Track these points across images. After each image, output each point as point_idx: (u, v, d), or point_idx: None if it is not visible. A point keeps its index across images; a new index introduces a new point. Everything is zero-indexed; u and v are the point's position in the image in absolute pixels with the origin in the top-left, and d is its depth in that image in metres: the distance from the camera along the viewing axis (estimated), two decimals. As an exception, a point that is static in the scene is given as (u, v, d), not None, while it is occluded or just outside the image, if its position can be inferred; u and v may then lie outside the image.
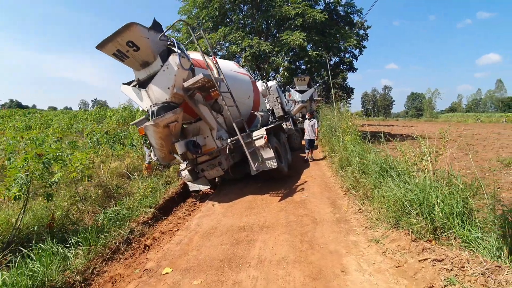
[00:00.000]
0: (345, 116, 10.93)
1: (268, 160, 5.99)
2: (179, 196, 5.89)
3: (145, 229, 4.23)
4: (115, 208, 4.50)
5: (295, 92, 14.69)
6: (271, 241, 3.63)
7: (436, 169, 4.70)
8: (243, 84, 6.88)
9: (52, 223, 3.95)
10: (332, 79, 38.51)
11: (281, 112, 10.85)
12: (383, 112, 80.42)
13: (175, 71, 4.75)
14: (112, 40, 4.47)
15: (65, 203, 4.46)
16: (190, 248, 3.60)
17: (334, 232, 3.83)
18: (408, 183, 4.05)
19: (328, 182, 6.43)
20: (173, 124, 4.88)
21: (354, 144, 7.25)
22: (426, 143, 4.83)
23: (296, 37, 12.62)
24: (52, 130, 8.97)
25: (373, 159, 5.43)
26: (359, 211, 4.52)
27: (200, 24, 17.07)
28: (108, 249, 3.51)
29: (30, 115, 15.51)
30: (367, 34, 32.81)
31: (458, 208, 3.24)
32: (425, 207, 3.48)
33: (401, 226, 3.60)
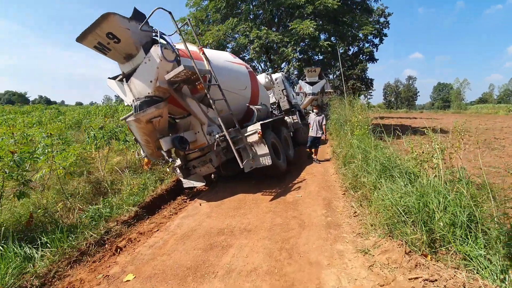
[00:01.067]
0: (356, 109, 10.25)
1: (262, 156, 5.63)
2: (170, 193, 5.72)
3: (124, 229, 4.07)
4: (96, 206, 4.37)
5: (305, 84, 14.06)
6: (248, 247, 3.31)
7: (449, 168, 4.16)
8: (238, 74, 6.52)
9: (30, 221, 3.89)
10: (349, 70, 37.09)
11: (287, 105, 10.37)
12: (406, 104, 76.29)
13: (157, 63, 4.49)
14: (91, 31, 4.27)
15: (45, 201, 4.38)
16: (162, 252, 3.38)
17: (320, 238, 3.44)
18: (409, 185, 3.56)
19: (328, 180, 5.97)
20: (156, 120, 4.65)
21: (360, 139, 6.71)
22: (437, 138, 4.27)
23: (306, 25, 11.95)
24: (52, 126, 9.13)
25: (374, 156, 4.91)
26: (354, 214, 4.08)
27: (209, 16, 16.80)
28: (77, 251, 3.37)
29: (47, 111, 16.13)
30: (388, 21, 31.08)
31: (462, 217, 2.73)
32: (423, 215, 3.00)
33: (395, 235, 3.14)
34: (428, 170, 4.05)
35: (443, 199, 3.00)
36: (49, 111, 15.98)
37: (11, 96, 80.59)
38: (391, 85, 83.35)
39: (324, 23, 13.56)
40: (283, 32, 13.71)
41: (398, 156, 4.80)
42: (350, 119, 9.36)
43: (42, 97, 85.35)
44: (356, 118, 8.54)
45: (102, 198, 4.90)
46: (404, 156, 4.84)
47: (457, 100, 64.36)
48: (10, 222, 3.72)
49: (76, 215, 4.28)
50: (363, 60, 35.36)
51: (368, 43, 33.05)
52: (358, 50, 35.19)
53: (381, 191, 3.82)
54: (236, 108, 6.42)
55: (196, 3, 15.99)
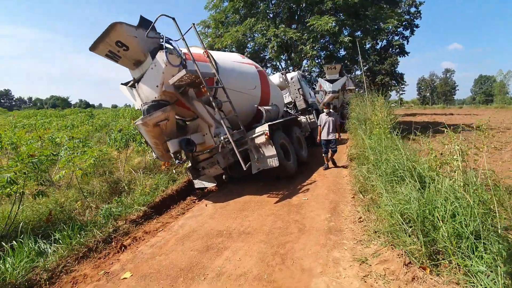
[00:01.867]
0: (377, 106, 9.74)
1: (270, 158, 5.58)
2: (181, 193, 5.88)
3: (131, 227, 4.27)
4: (108, 205, 4.64)
5: (324, 82, 13.66)
6: (243, 250, 3.30)
7: (470, 171, 3.81)
8: (246, 74, 6.51)
9: (49, 218, 4.25)
10: (378, 64, 35.15)
11: (304, 104, 10.17)
12: (443, 99, 70.81)
13: (162, 68, 4.64)
14: (101, 41, 4.53)
15: (63, 199, 4.74)
16: (161, 252, 3.49)
17: (318, 244, 3.32)
18: (413, 191, 3.30)
19: (340, 183, 5.75)
20: (163, 123, 4.81)
21: (378, 139, 6.36)
22: (458, 137, 3.93)
23: (325, 21, 11.59)
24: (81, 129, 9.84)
25: (386, 158, 4.63)
26: (359, 220, 3.88)
27: (229, 17, 16.98)
28: (85, 247, 3.60)
29: (80, 114, 17.47)
30: (419, 11, 29.09)
31: (469, 228, 2.47)
32: (427, 224, 2.76)
33: (397, 244, 2.94)
34: (446, 174, 3.74)
35: (450, 206, 2.74)
36: (82, 114, 17.26)
37: (56, 101, 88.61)
38: (426, 79, 77.93)
39: (344, 18, 13.04)
40: (301, 29, 13.42)
41: (412, 158, 4.47)
42: (369, 118, 8.93)
43: (82, 100, 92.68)
44: (376, 116, 8.12)
45: (117, 197, 5.19)
46: (423, 157, 4.51)
47: (501, 93, 58.40)
48: (32, 219, 4.09)
49: (91, 213, 4.60)
50: (392, 54, 33.55)
51: (398, 36, 31.34)
52: (387, 44, 33.50)
53: (386, 196, 3.60)
54: (245, 109, 6.44)
55: (215, 5, 16.26)
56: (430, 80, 77.19)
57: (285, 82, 9.40)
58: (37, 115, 21.95)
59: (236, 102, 6.04)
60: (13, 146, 6.68)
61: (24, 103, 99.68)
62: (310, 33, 12.48)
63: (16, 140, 6.98)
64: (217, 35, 16.27)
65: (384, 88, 33.95)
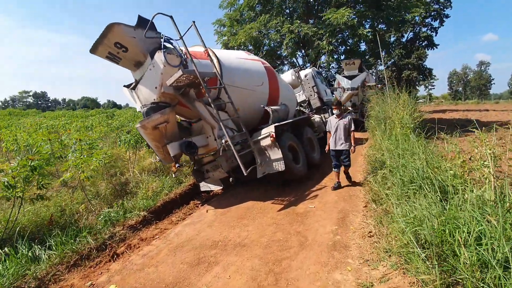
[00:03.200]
0: (400, 103, 9.00)
1: (276, 161, 5.26)
2: (185, 196, 5.73)
3: (128, 233, 4.17)
4: (108, 210, 4.58)
5: (343, 78, 12.95)
6: (235, 266, 3.03)
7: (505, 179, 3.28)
8: (252, 71, 6.20)
9: (50, 222, 4.26)
10: (403, 59, 33.21)
11: (318, 103, 9.65)
12: (478, 94, 65.57)
13: (161, 69, 4.48)
14: (100, 43, 4.45)
15: (63, 203, 4.74)
16: (151, 263, 3.32)
17: (318, 263, 2.97)
18: (440, 203, 2.84)
19: (352, 189, 5.29)
20: (162, 125, 4.66)
21: (395, 139, 5.80)
22: (491, 139, 3.41)
23: (341, 14, 10.95)
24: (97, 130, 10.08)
25: (403, 164, 4.13)
26: (369, 234, 3.46)
27: (244, 15, 16.73)
28: (78, 255, 3.52)
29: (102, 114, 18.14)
30: (450, 0, 26.91)
31: (497, 255, 2.01)
32: (445, 247, 2.32)
33: (410, 269, 2.51)
34: (474, 183, 3.22)
35: (476, 227, 2.28)
36: (103, 115, 17.93)
37: (86, 101, 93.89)
38: (458, 72, 72.67)
39: (364, 9, 12.26)
40: (317, 24, 12.83)
41: (434, 164, 3.94)
42: (390, 116, 8.27)
43: (109, 101, 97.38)
44: (398, 115, 7.48)
45: (118, 201, 5.14)
46: (448, 162, 3.97)
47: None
48: (34, 222, 4.11)
49: (91, 218, 4.57)
50: (419, 46, 31.44)
51: (426, 27, 29.28)
52: (413, 36, 31.45)
53: (399, 210, 3.15)
54: (253, 108, 6.14)
55: (230, 3, 16.06)
56: (463, 73, 71.82)
57: (298, 80, 8.97)
58: (65, 115, 23.20)
59: (242, 100, 5.78)
60: (28, 148, 6.91)
61: (59, 104, 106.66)
62: (326, 28, 11.87)
63: (32, 142, 7.23)
64: (232, 34, 16.08)
65: (411, 83, 32.04)
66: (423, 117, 9.86)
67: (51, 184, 5.35)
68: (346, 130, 5.22)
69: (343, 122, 5.23)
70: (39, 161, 4.04)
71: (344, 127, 5.20)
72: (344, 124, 5.22)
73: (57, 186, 5.90)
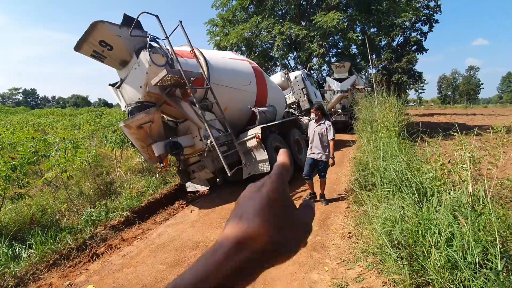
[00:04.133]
0: (387, 106, 9.16)
1: (261, 162, 5.30)
2: (170, 197, 5.70)
3: (110, 234, 4.12)
4: (90, 210, 4.53)
5: (333, 81, 13.12)
6: (214, 267, 3.04)
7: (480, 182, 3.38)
8: (239, 70, 6.21)
9: (32, 221, 4.18)
10: (394, 62, 33.77)
11: (308, 104, 9.76)
12: (466, 98, 67.13)
13: (146, 68, 4.45)
14: (85, 40, 4.39)
15: (45, 202, 4.67)
16: (131, 264, 3.29)
17: (297, 263, 3.00)
18: (409, 207, 2.91)
19: (337, 190, 5.37)
20: (147, 125, 4.63)
21: (379, 142, 5.91)
22: (471, 143, 3.51)
23: (331, 18, 11.08)
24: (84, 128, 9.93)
25: (385, 166, 4.21)
26: (348, 235, 3.52)
27: (237, 16, 16.74)
28: (58, 254, 3.47)
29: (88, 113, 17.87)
30: (439, 5, 27.55)
31: (468, 257, 2.08)
32: (417, 248, 2.38)
33: (384, 270, 2.57)
34: (453, 185, 3.32)
35: (447, 229, 2.35)
36: (92, 113, 17.66)
37: (76, 99, 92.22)
38: (447, 77, 74.31)
39: (355, 13, 12.43)
40: (308, 26, 12.94)
41: (414, 167, 4.03)
42: (376, 119, 8.41)
43: (100, 99, 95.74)
44: (384, 118, 7.61)
45: (101, 201, 5.08)
46: (430, 164, 4.06)
47: (532, 92, 54.60)
48: (14, 221, 4.03)
49: (73, 218, 4.51)
50: (409, 51, 32.04)
51: (416, 32, 29.86)
52: (404, 40, 32.03)
53: (376, 211, 3.22)
54: (241, 108, 6.14)
55: (223, 3, 16.05)
56: (452, 78, 73.49)
57: (288, 82, 9.03)
58: (53, 113, 22.76)
59: (230, 99, 5.79)
60: (12, 146, 6.77)
61: (48, 101, 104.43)
62: (317, 30, 11.99)
63: (17, 140, 7.08)
64: (224, 34, 16.07)
65: (401, 87, 32.60)
66: (411, 120, 10.06)
67: (32, 183, 5.25)
68: (324, 138, 4.51)
69: (321, 129, 4.53)
70: (21, 160, 3.97)
71: (321, 135, 4.51)
72: (322, 132, 4.51)
73: (40, 185, 5.79)
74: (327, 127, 4.52)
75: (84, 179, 6.13)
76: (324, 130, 4.51)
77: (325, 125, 4.55)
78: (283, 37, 12.40)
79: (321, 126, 4.56)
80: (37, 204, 4.69)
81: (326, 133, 4.49)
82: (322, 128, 4.53)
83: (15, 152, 4.23)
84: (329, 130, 4.51)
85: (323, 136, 4.51)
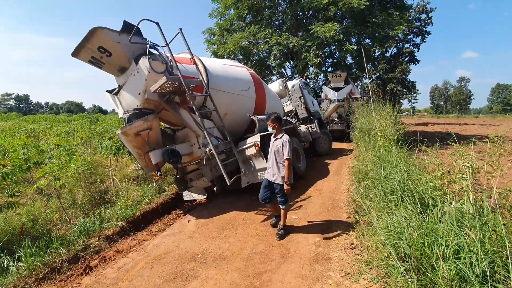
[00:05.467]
0: (383, 115, 9.24)
1: (260, 171, 5.22)
2: (167, 206, 5.56)
3: (104, 245, 3.96)
4: (83, 219, 4.37)
5: (329, 90, 13.25)
6: (213, 280, 2.92)
7: (482, 192, 3.36)
8: (238, 76, 6.22)
9: (22, 232, 4.00)
10: (388, 73, 34.48)
11: (305, 113, 9.81)
12: (458, 108, 68.55)
13: (145, 75, 4.40)
14: (83, 46, 4.34)
15: (36, 212, 4.50)
16: (125, 277, 3.15)
17: (299, 276, 2.91)
18: (420, 215, 2.86)
19: (336, 199, 5.30)
20: (145, 132, 4.54)
21: (378, 151, 5.90)
22: (469, 152, 3.50)
23: (328, 28, 11.26)
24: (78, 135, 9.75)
25: (385, 175, 4.18)
26: (351, 246, 3.44)
27: (234, 25, 16.93)
28: (48, 267, 3.31)
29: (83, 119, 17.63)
30: (431, 18, 28.41)
31: (476, 269, 2.02)
32: (424, 261, 2.32)
33: (390, 283, 2.49)
34: (453, 195, 3.29)
35: (454, 240, 2.29)
36: (87, 120, 17.43)
37: (70, 106, 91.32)
38: (439, 87, 75.97)
39: (350, 25, 12.68)
40: (305, 37, 13.13)
41: (415, 176, 4.01)
42: (374, 128, 8.45)
43: (95, 106, 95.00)
44: (381, 127, 7.65)
45: (95, 210, 4.91)
46: (429, 174, 4.04)
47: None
48: (3, 232, 3.84)
49: (64, 228, 4.34)
50: (403, 62, 32.79)
51: (409, 43, 30.65)
52: (397, 52, 32.81)
53: (380, 222, 3.16)
54: (240, 115, 6.10)
55: (221, 13, 16.23)
56: (444, 88, 75.14)
57: (285, 90, 9.06)
58: (47, 120, 22.42)
59: (229, 105, 5.76)
60: (3, 153, 6.56)
61: (41, 107, 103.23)
62: (314, 40, 12.15)
63: (8, 147, 6.88)
64: (222, 42, 16.19)
65: (396, 96, 33.19)
66: (406, 129, 10.14)
67: (24, 192, 5.07)
68: (280, 157, 3.72)
69: (277, 145, 3.77)
70: (12, 168, 3.82)
71: (277, 152, 3.75)
72: (277, 148, 3.74)
73: (32, 193, 5.60)
74: (283, 143, 3.70)
75: (78, 187, 5.96)
76: (280, 146, 3.71)
77: (281, 140, 3.75)
78: (281, 47, 12.53)
79: (277, 142, 3.79)
80: (27, 213, 4.50)
81: (282, 150, 3.71)
82: (278, 144, 3.75)
83: (6, 160, 4.08)
84: (284, 146, 3.66)
85: (279, 153, 3.73)
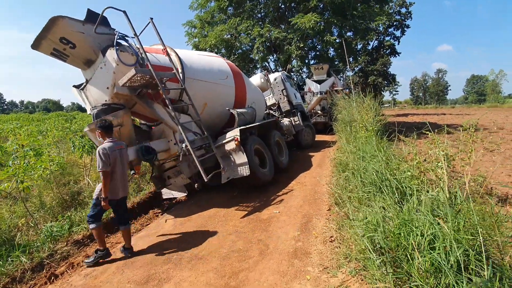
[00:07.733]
0: (364, 107, 9.31)
1: (240, 166, 5.08)
2: (144, 205, 5.33)
3: (73, 250, 3.72)
4: (50, 223, 4.09)
5: (312, 83, 13.23)
6: (187, 283, 2.78)
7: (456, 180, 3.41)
8: (215, 65, 5.99)
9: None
10: (370, 65, 35.04)
11: (288, 106, 9.71)
12: (436, 99, 71.05)
13: (113, 68, 4.12)
14: (43, 37, 3.98)
15: (6, 216, 4.17)
16: (93, 284, 2.95)
17: (277, 272, 2.82)
18: (398, 205, 2.83)
19: (318, 192, 5.26)
20: (116, 129, 4.27)
21: (359, 142, 5.91)
22: (444, 141, 3.49)
23: (308, 19, 11.15)
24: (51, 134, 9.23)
25: (364, 166, 4.16)
26: (331, 239, 3.39)
27: (215, 17, 16.50)
28: (8, 277, 3.05)
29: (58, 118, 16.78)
30: (410, 12, 28.95)
31: (450, 260, 1.99)
32: (400, 252, 2.28)
33: (367, 276, 2.45)
34: (429, 183, 3.29)
35: (429, 230, 2.26)
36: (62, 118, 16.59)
37: (47, 104, 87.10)
38: (419, 79, 78.32)
39: (331, 16, 12.63)
40: (287, 29, 12.98)
41: (393, 166, 4.00)
42: (355, 120, 8.50)
43: (74, 103, 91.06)
44: (362, 118, 7.68)
45: (64, 213, 4.63)
46: (408, 163, 4.04)
47: (494, 93, 58.85)
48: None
49: (32, 233, 4.05)
50: (384, 54, 33.38)
51: (389, 36, 31.18)
52: (378, 44, 33.32)
53: (358, 213, 3.12)
54: (219, 107, 5.91)
55: (201, 5, 15.74)
56: (423, 80, 77.54)
57: (267, 83, 8.92)
58: (19, 119, 21.19)
59: (208, 94, 5.55)
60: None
61: (16, 106, 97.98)
62: (295, 32, 12.03)
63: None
64: (203, 35, 15.77)
65: (377, 88, 33.85)
66: (387, 120, 10.29)
67: None
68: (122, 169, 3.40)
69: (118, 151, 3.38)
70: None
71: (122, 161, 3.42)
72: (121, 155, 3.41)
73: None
74: (97, 153, 3.17)
75: (48, 189, 5.60)
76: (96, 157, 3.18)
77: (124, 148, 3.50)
78: (263, 39, 12.32)
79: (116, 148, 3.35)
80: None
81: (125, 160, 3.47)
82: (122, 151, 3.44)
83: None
84: (97, 157, 3.15)
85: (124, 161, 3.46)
